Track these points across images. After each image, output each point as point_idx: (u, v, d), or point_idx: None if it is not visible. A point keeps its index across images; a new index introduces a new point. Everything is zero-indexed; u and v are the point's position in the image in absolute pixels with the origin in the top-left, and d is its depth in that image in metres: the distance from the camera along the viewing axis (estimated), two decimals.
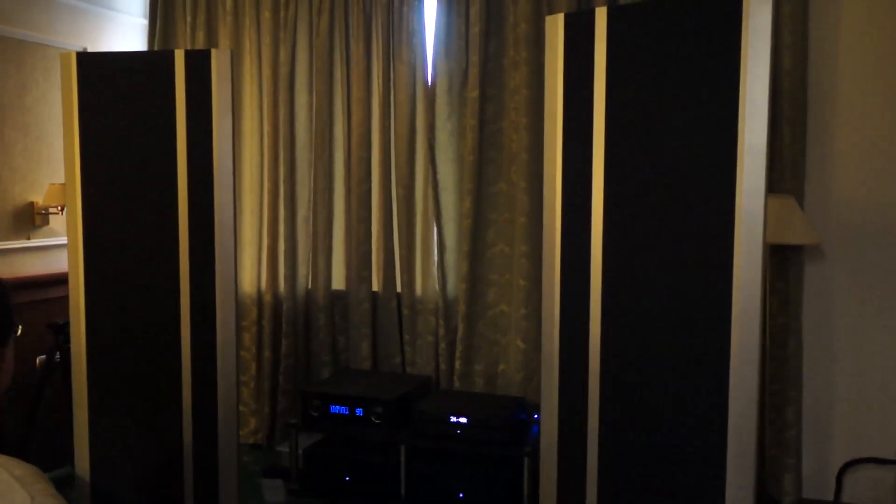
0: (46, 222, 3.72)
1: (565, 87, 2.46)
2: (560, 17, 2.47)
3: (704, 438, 2.26)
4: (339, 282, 3.93)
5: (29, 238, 3.66)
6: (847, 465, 3.15)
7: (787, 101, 3.12)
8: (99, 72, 2.82)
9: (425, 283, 3.76)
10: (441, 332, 3.68)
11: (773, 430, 3.19)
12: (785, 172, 3.14)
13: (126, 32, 4.17)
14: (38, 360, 3.45)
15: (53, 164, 3.71)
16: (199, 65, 2.75)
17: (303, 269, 3.93)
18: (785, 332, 3.17)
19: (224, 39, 3.97)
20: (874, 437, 3.17)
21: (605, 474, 2.43)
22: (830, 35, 3.15)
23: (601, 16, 2.38)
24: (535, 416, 3.22)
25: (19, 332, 1.32)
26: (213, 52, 2.75)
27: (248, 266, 4.00)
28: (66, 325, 3.07)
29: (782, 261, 3.17)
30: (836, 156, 3.18)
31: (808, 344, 3.21)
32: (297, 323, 3.91)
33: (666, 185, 2.29)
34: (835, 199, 3.19)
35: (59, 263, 3.70)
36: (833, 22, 3.15)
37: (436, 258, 3.73)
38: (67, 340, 3.09)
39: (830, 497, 3.18)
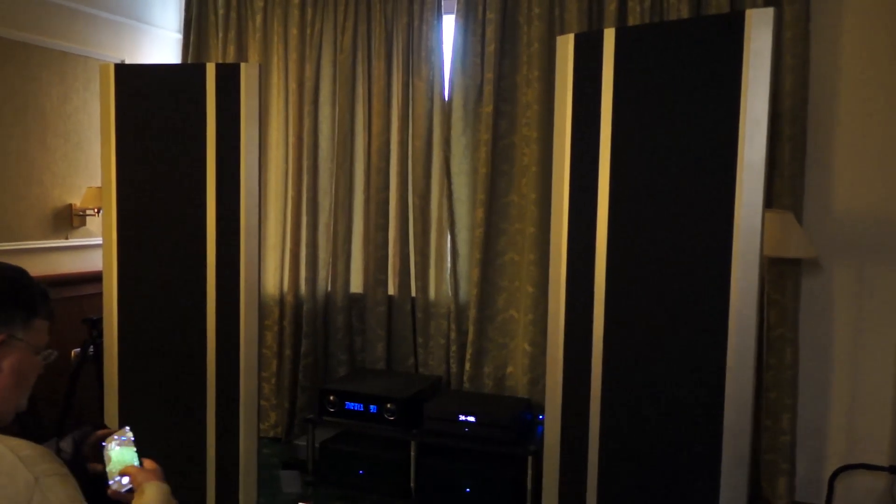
0: (83, 223, 3.89)
1: (574, 104, 2.56)
2: (570, 38, 2.58)
3: (700, 441, 2.34)
4: (356, 285, 4.06)
5: (67, 238, 3.83)
6: (839, 471, 3.22)
7: (788, 120, 3.22)
8: (135, 82, 2.96)
9: (438, 288, 3.88)
10: (452, 335, 3.80)
11: (769, 435, 3.29)
12: (784, 189, 3.23)
13: (161, 46, 4.36)
14: (72, 353, 3.60)
15: (91, 168, 3.89)
16: (229, 77, 2.88)
17: (323, 273, 4.08)
18: (782, 343, 3.26)
19: (253, 54, 4.14)
20: (866, 444, 3.25)
21: (604, 474, 2.53)
22: (830, 58, 3.25)
23: (609, 36, 2.49)
24: (540, 416, 3.32)
25: (52, 357, 1.33)
26: (243, 65, 2.88)
27: (271, 269, 4.15)
28: (100, 320, 3.20)
29: (780, 273, 3.27)
30: (835, 173, 3.27)
31: (804, 354, 3.31)
32: (316, 323, 4.06)
33: (668, 198, 2.39)
34: (833, 215, 3.28)
35: (94, 262, 3.86)
36: (833, 45, 3.24)
37: (449, 265, 3.85)
38: (100, 335, 3.23)
39: (822, 501, 3.26)
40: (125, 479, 1.43)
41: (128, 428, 1.55)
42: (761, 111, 2.23)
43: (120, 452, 1.48)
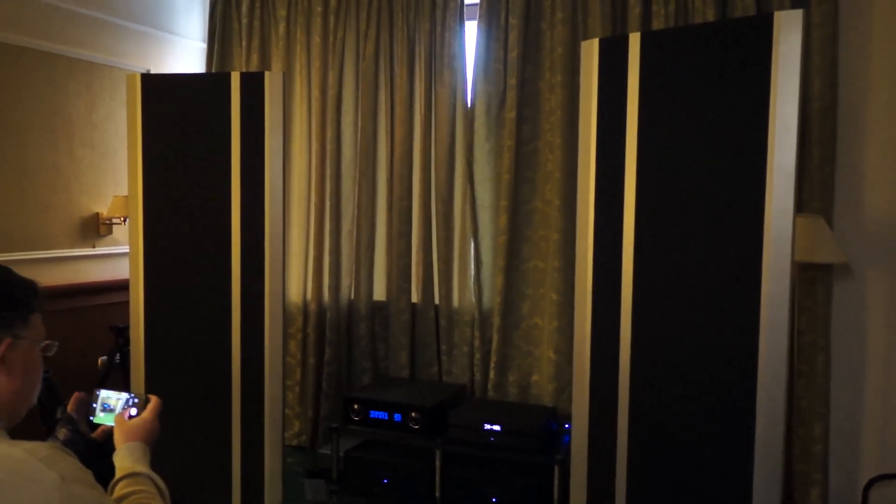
0: (110, 232, 3.93)
1: (599, 109, 2.54)
2: (595, 42, 2.57)
3: (732, 452, 2.30)
4: (380, 293, 4.06)
5: (94, 246, 3.87)
6: (874, 481, 3.16)
7: (817, 123, 3.18)
8: (161, 92, 3.00)
9: (462, 295, 3.87)
10: (476, 342, 3.78)
11: (801, 444, 3.23)
12: (814, 193, 3.18)
13: (186, 55, 4.40)
14: (99, 361, 3.64)
15: (118, 177, 3.93)
16: (253, 86, 2.91)
17: (346, 281, 4.08)
18: (813, 349, 3.20)
19: (277, 62, 4.16)
20: None
21: (633, 484, 2.49)
22: (860, 59, 3.19)
23: (635, 41, 2.47)
24: (567, 425, 3.29)
25: (53, 349, 1.33)
26: (267, 74, 2.92)
27: (295, 277, 4.15)
28: (126, 328, 3.23)
29: (811, 279, 3.21)
30: (866, 176, 3.21)
31: (836, 361, 3.25)
32: (339, 331, 4.05)
33: (696, 204, 2.36)
34: (864, 219, 3.23)
35: (121, 271, 3.89)
36: (863, 47, 3.19)
37: (472, 272, 3.83)
38: (127, 343, 3.27)
39: None
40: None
41: (96, 391, 1.68)
42: (791, 115, 2.20)
43: (106, 415, 1.64)
